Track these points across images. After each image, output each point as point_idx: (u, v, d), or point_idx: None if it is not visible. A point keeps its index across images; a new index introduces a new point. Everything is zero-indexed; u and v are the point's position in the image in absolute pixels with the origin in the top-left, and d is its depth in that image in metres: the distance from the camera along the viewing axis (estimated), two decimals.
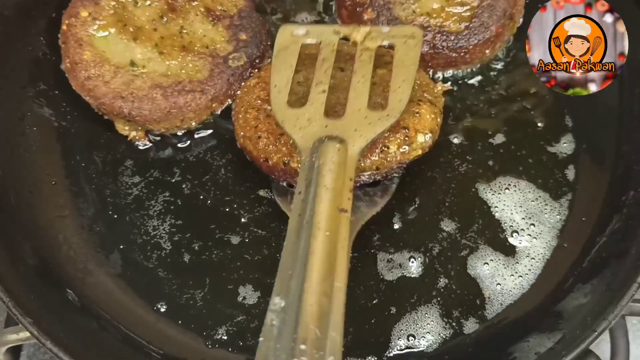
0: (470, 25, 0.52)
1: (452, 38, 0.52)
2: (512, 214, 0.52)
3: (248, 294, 0.50)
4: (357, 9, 0.54)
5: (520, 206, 0.52)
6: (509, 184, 0.52)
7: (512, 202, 0.52)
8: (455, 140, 0.54)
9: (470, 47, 0.52)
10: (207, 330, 0.50)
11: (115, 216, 0.53)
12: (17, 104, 0.54)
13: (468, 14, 0.53)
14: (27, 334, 0.45)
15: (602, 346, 0.49)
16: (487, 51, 0.54)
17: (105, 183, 0.54)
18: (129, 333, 0.49)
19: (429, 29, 0.52)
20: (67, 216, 0.53)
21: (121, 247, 0.52)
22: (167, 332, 0.50)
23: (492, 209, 0.52)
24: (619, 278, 0.46)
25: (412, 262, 0.51)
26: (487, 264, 0.50)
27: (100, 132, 0.55)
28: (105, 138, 0.55)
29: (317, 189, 0.40)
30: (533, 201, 0.52)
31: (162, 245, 0.52)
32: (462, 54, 0.52)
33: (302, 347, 0.33)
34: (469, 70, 0.56)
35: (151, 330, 0.50)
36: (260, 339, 0.34)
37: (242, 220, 0.52)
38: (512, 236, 0.51)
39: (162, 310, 0.50)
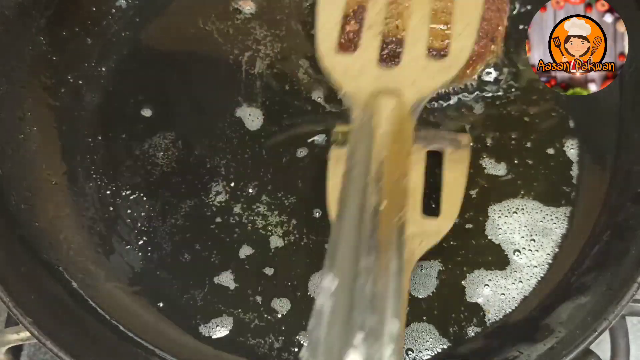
0: None
1: (434, 54, 0.52)
2: (513, 235, 0.52)
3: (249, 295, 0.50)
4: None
5: (525, 226, 0.52)
6: (517, 208, 0.52)
7: (517, 224, 0.52)
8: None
9: None
10: (207, 330, 0.50)
11: (116, 216, 0.53)
12: (17, 104, 0.54)
13: (450, 32, 0.52)
14: (28, 334, 0.45)
15: (602, 346, 0.49)
16: (467, 70, 0.54)
17: (106, 183, 0.54)
18: (129, 333, 0.49)
19: None
20: (67, 216, 0.53)
21: (121, 247, 0.52)
22: (168, 332, 0.50)
23: (496, 232, 0.52)
24: (619, 278, 0.46)
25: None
26: (487, 285, 0.50)
27: (100, 132, 0.55)
28: (106, 138, 0.55)
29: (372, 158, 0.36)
30: (541, 221, 0.52)
31: (163, 246, 0.52)
32: None
33: (360, 335, 0.29)
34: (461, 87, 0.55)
35: (151, 330, 0.50)
36: (309, 327, 0.30)
37: (244, 221, 0.52)
38: (514, 255, 0.51)
39: (163, 310, 0.50)
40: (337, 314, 0.30)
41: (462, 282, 0.50)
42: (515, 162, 0.54)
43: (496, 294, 0.50)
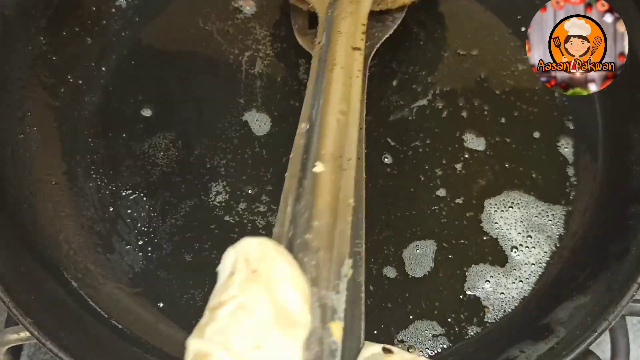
0: None
1: None
2: (510, 231, 0.52)
3: None
4: None
5: (522, 222, 0.52)
6: (513, 202, 0.52)
7: (513, 219, 0.52)
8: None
9: None
10: None
11: (116, 216, 0.53)
12: (17, 104, 0.54)
13: None
14: (28, 334, 0.45)
15: (602, 346, 0.49)
16: None
17: (106, 183, 0.54)
18: (129, 333, 0.49)
19: None
20: (67, 216, 0.53)
21: (121, 247, 0.52)
22: (167, 332, 0.50)
23: (492, 227, 0.52)
24: (619, 278, 0.46)
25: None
26: (488, 281, 0.50)
27: (100, 132, 0.55)
28: (106, 138, 0.55)
29: (332, 35, 0.45)
30: (536, 216, 0.52)
31: (163, 246, 0.52)
32: None
33: (323, 152, 0.38)
34: None
35: (151, 330, 0.50)
36: (291, 156, 0.40)
37: (244, 221, 0.52)
38: (511, 251, 0.51)
39: (162, 310, 0.50)
40: (310, 145, 0.40)
41: (462, 278, 0.50)
42: (512, 160, 0.54)
43: (496, 292, 0.50)
